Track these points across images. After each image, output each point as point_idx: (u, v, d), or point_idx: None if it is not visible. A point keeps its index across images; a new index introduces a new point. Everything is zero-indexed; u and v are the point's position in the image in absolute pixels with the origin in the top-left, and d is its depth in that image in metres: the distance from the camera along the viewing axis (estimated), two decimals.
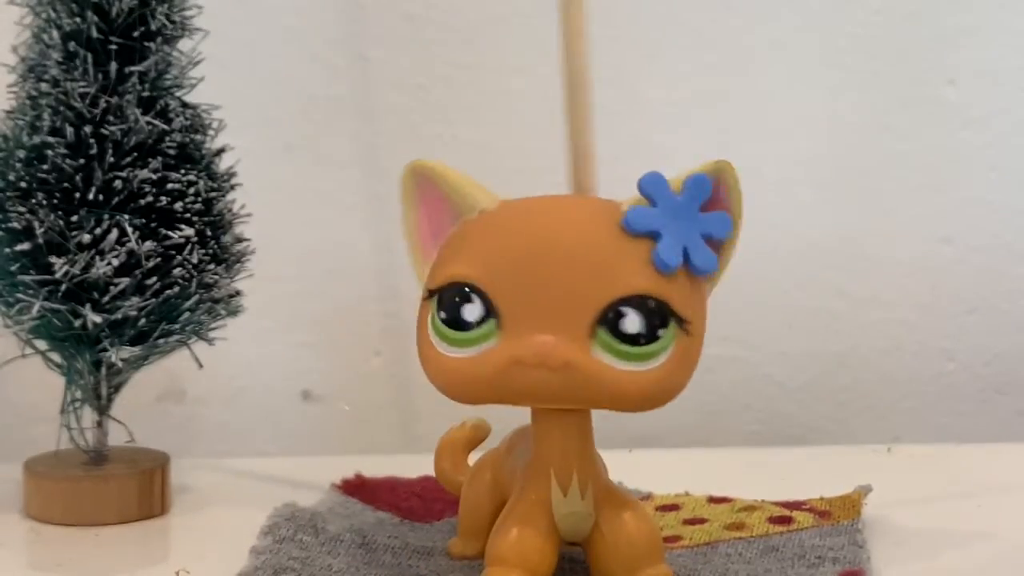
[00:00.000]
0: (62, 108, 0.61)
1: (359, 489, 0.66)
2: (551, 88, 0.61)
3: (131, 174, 0.61)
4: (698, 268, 0.48)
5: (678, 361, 0.48)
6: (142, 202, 0.61)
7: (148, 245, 0.61)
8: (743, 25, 0.85)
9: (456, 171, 0.51)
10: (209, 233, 0.63)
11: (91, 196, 0.60)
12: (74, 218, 0.60)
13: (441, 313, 0.49)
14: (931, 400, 0.87)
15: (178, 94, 0.64)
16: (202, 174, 0.63)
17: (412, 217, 0.52)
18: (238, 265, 0.65)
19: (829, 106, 0.85)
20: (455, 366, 0.49)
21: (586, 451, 0.51)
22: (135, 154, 0.61)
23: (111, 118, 0.61)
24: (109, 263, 0.60)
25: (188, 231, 0.62)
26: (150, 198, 0.61)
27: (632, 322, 0.47)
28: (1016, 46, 0.86)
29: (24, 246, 0.60)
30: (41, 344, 0.64)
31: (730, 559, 0.56)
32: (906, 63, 0.85)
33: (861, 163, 0.86)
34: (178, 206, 0.62)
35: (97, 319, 0.60)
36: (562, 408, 0.50)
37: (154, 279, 0.61)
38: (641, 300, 0.47)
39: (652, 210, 0.48)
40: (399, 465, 0.69)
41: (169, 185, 0.62)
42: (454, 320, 0.48)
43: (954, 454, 0.77)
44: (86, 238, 0.60)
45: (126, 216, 0.60)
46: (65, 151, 0.61)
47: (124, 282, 0.60)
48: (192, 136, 0.64)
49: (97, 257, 0.60)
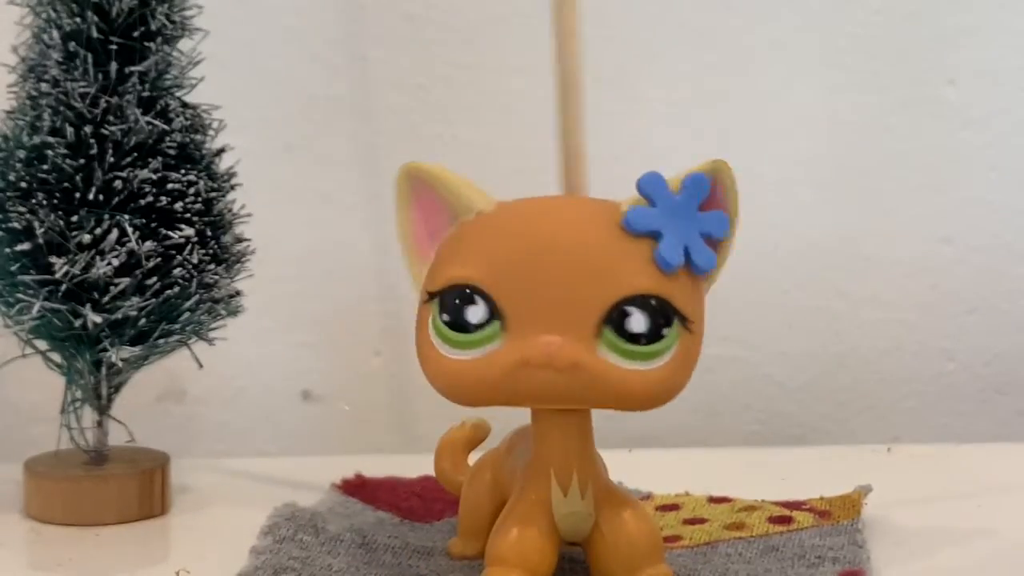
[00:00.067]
0: (62, 108, 0.61)
1: (359, 489, 0.66)
2: (551, 88, 0.61)
3: (131, 174, 0.61)
4: (699, 267, 0.48)
5: (681, 359, 0.48)
6: (142, 202, 0.61)
7: (148, 245, 0.61)
8: (743, 25, 0.85)
9: (451, 173, 0.51)
10: (209, 233, 0.63)
11: (91, 196, 0.60)
12: (74, 218, 0.60)
13: (443, 315, 0.48)
14: (931, 400, 0.87)
15: (178, 94, 0.64)
16: (202, 174, 0.63)
17: (407, 219, 0.51)
18: (238, 265, 0.65)
19: (829, 106, 0.85)
20: (458, 368, 0.48)
21: (586, 451, 0.51)
22: (135, 154, 0.61)
23: (111, 118, 0.61)
24: (109, 263, 0.60)
25: (188, 231, 0.62)
26: (150, 198, 0.61)
27: (637, 321, 0.47)
28: (1016, 46, 0.86)
29: (24, 246, 0.60)
30: (41, 344, 0.64)
31: (730, 559, 0.56)
32: (906, 63, 0.85)
33: (861, 163, 0.86)
34: (178, 206, 0.62)
35: (97, 319, 0.60)
36: (563, 408, 0.50)
37: (154, 279, 0.61)
38: (645, 299, 0.47)
39: (652, 210, 0.48)
40: (399, 465, 0.69)
41: (169, 185, 0.62)
42: (457, 322, 0.48)
43: (954, 454, 0.77)
44: (86, 238, 0.60)
45: (126, 216, 0.60)
46: (65, 151, 0.61)
47: (124, 282, 0.60)
48: (192, 136, 0.64)
49: (97, 257, 0.60)
